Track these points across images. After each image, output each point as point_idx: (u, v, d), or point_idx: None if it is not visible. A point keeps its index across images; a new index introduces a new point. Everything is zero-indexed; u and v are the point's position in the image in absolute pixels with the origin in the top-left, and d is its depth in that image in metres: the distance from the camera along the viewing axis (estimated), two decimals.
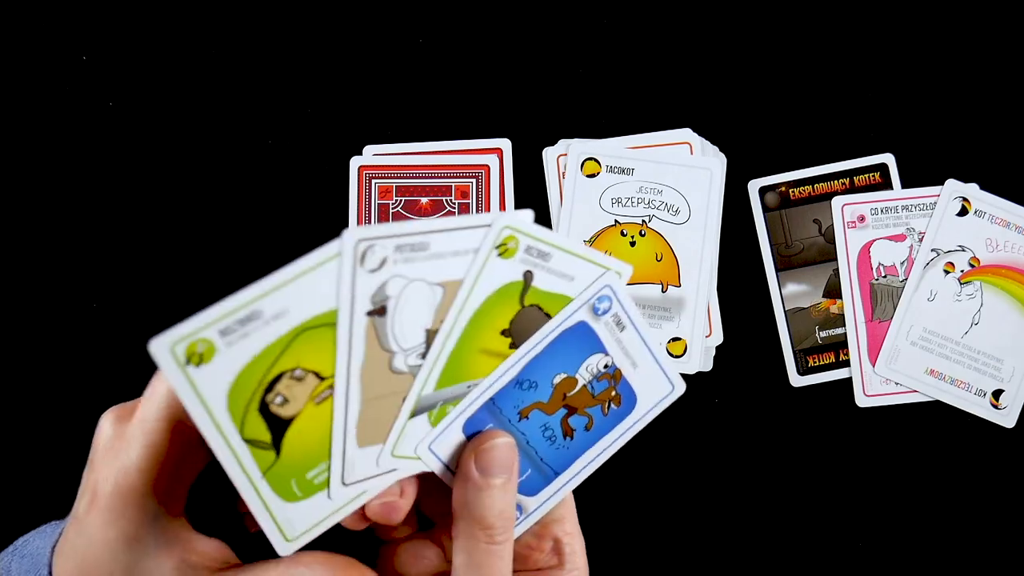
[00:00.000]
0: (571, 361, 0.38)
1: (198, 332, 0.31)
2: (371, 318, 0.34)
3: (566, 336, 0.38)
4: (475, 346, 0.36)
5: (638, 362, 0.39)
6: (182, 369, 0.31)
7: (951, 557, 0.52)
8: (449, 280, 0.35)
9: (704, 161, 0.53)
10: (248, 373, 0.32)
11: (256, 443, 0.33)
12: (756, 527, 0.52)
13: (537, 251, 0.36)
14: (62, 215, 0.53)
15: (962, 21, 0.55)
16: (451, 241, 0.34)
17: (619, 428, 0.40)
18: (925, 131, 0.54)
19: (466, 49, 0.54)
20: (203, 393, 0.32)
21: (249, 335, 0.32)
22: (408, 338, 0.35)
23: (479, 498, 0.36)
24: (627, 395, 0.39)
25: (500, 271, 0.36)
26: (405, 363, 0.35)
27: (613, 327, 0.38)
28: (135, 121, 0.53)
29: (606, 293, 0.37)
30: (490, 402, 0.38)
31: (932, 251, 0.53)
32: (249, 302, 0.32)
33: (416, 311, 0.35)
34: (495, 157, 0.53)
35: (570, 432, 0.39)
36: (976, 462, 0.52)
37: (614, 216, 0.53)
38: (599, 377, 0.39)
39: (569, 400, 0.39)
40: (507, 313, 0.37)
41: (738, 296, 0.53)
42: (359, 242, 0.33)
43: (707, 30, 0.54)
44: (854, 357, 0.53)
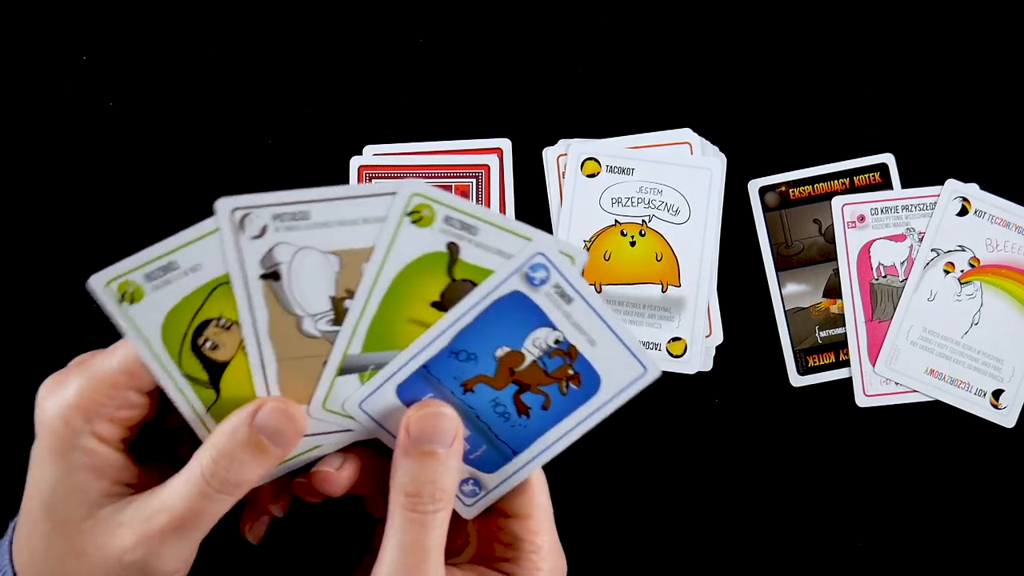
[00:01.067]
0: (512, 334, 0.37)
1: (126, 274, 0.36)
2: (266, 282, 0.35)
3: (500, 306, 0.36)
4: (403, 315, 0.36)
5: (596, 339, 0.37)
6: (118, 305, 0.36)
7: (951, 557, 0.52)
8: (345, 249, 0.36)
9: (704, 161, 0.53)
10: (175, 315, 0.36)
11: (195, 380, 0.37)
12: (756, 527, 0.52)
13: (460, 223, 0.36)
14: (62, 215, 0.53)
15: (962, 21, 0.55)
16: (338, 210, 0.35)
17: (584, 409, 0.38)
18: (925, 131, 0.54)
19: (466, 49, 0.54)
20: (141, 328, 0.36)
21: (171, 282, 0.36)
22: (312, 303, 0.36)
23: (409, 464, 0.36)
24: (588, 374, 0.37)
25: (417, 240, 0.36)
26: (316, 328, 0.36)
27: (557, 299, 0.36)
28: (135, 121, 0.53)
29: (539, 261, 0.35)
30: (424, 370, 0.37)
31: (932, 251, 0.53)
32: (165, 253, 0.35)
33: (315, 278, 0.36)
34: (495, 157, 0.53)
35: (524, 410, 0.38)
36: (976, 462, 0.52)
37: (614, 216, 0.53)
38: (551, 353, 0.37)
39: (519, 376, 0.37)
40: (436, 284, 0.36)
41: (738, 296, 0.53)
42: (235, 210, 0.35)
43: (707, 30, 0.54)
44: (854, 357, 0.53)
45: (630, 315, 0.52)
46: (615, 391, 0.38)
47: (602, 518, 0.52)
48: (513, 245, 0.36)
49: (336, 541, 0.52)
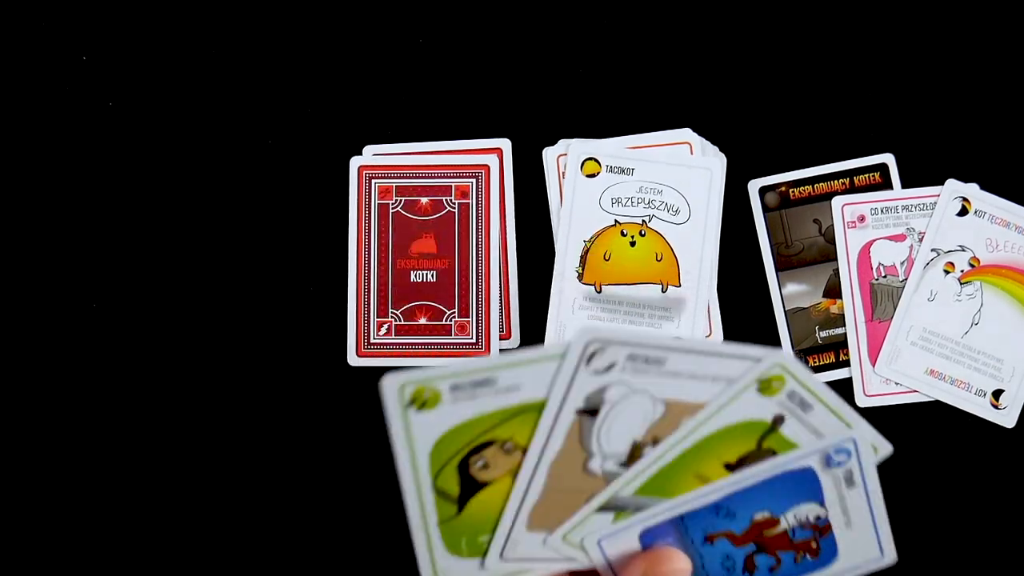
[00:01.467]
0: (780, 502, 0.36)
1: (432, 381, 0.33)
2: (580, 416, 0.34)
3: (786, 478, 0.35)
4: (692, 469, 0.35)
5: (854, 522, 0.36)
6: (403, 409, 0.33)
7: (951, 557, 0.52)
8: (675, 400, 0.34)
9: (704, 161, 0.53)
10: (462, 430, 0.34)
11: (443, 494, 0.35)
12: None
13: (800, 399, 0.35)
14: (62, 215, 0.53)
15: (962, 21, 0.55)
16: (696, 363, 0.34)
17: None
18: (925, 131, 0.54)
19: (466, 49, 0.54)
20: (414, 435, 0.34)
21: (477, 398, 0.33)
22: (612, 443, 0.35)
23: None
24: (828, 550, 0.37)
25: (751, 406, 0.35)
26: (600, 467, 0.35)
27: (841, 481, 0.36)
28: (135, 121, 0.53)
29: (847, 446, 0.35)
30: (679, 519, 0.36)
31: (932, 251, 0.53)
32: (489, 369, 0.33)
33: (629, 420, 0.34)
34: (495, 157, 0.53)
35: (752, 568, 0.37)
36: (976, 462, 0.52)
37: (614, 216, 0.53)
38: (804, 526, 0.36)
39: (763, 539, 0.36)
40: (739, 449, 0.35)
41: (738, 296, 0.53)
42: (590, 342, 0.33)
43: (707, 30, 0.54)
44: (854, 357, 0.53)
45: (630, 315, 0.52)
46: (846, 567, 0.37)
47: None
48: (832, 427, 0.36)
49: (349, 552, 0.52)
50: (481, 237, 0.53)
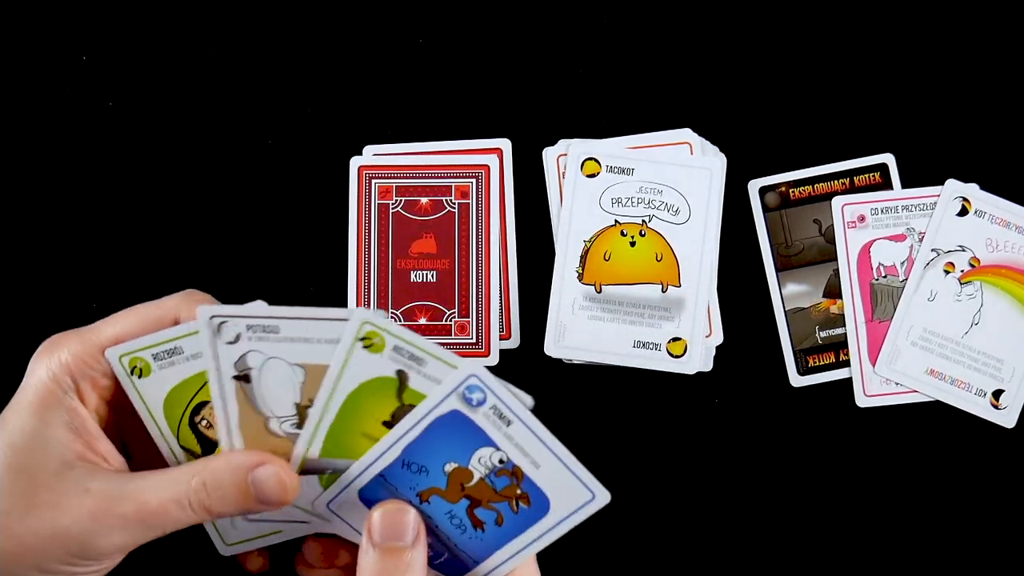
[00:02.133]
0: (458, 450, 0.38)
1: (136, 351, 0.40)
2: (239, 383, 0.39)
3: (443, 424, 0.38)
4: (357, 428, 0.39)
5: (540, 462, 0.38)
6: (128, 377, 0.40)
7: (951, 557, 0.52)
8: (310, 363, 0.39)
9: (704, 161, 0.53)
10: (176, 393, 0.40)
11: (190, 452, 0.41)
12: (756, 527, 0.52)
13: (408, 353, 0.38)
14: (62, 215, 0.53)
15: (962, 21, 0.55)
16: (303, 328, 0.38)
17: (535, 529, 0.39)
18: (925, 131, 0.54)
19: (466, 49, 0.54)
20: (146, 400, 0.40)
21: (175, 364, 0.40)
22: (278, 407, 0.39)
23: (373, 563, 0.37)
24: (536, 495, 0.38)
25: (369, 364, 0.38)
26: (281, 428, 0.39)
27: (496, 420, 0.37)
28: (135, 121, 0.53)
29: (474, 383, 0.37)
30: (381, 478, 0.39)
31: (932, 251, 0.53)
32: (172, 339, 0.40)
33: (282, 385, 0.39)
34: (495, 157, 0.53)
35: (479, 524, 0.39)
36: (976, 462, 0.52)
37: (614, 216, 0.53)
38: (497, 472, 0.38)
39: (469, 491, 0.39)
40: (387, 406, 0.39)
41: (738, 296, 0.53)
42: (212, 317, 0.38)
43: (707, 30, 0.54)
44: (854, 357, 0.53)
45: (630, 315, 0.52)
46: (565, 513, 0.39)
47: (602, 518, 0.52)
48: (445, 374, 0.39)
49: None
50: (481, 237, 0.53)
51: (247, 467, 0.38)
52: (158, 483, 0.37)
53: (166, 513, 0.37)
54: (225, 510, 0.38)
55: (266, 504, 0.38)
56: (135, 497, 0.37)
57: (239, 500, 0.38)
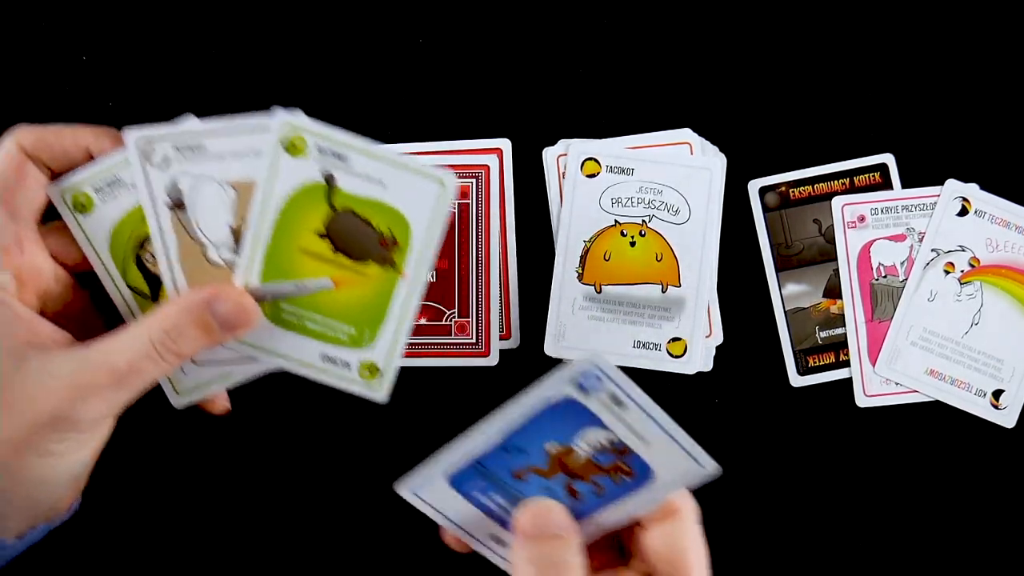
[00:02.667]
0: (563, 431, 0.37)
1: (79, 185, 0.39)
2: (174, 211, 0.38)
3: (556, 411, 0.36)
4: (293, 245, 0.38)
5: (650, 440, 0.37)
6: (72, 214, 0.39)
7: (951, 557, 0.52)
8: (240, 180, 0.38)
9: (704, 161, 0.53)
10: (121, 227, 0.39)
11: (138, 291, 0.40)
12: (756, 527, 0.52)
13: (331, 152, 0.37)
14: None
15: (962, 21, 0.55)
16: (230, 143, 0.38)
17: (639, 496, 0.38)
18: (925, 131, 0.54)
19: (466, 49, 0.54)
20: (90, 237, 0.39)
21: (118, 196, 0.39)
22: (214, 232, 0.39)
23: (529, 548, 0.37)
24: (640, 468, 0.38)
25: (294, 171, 0.37)
26: (219, 256, 0.39)
27: (610, 403, 0.37)
28: (135, 121, 0.53)
29: (592, 371, 0.36)
30: (478, 464, 0.38)
31: (932, 251, 0.53)
32: (109, 168, 0.39)
33: (215, 208, 0.38)
34: (495, 157, 0.53)
35: (576, 495, 0.38)
36: (976, 462, 0.52)
37: (614, 216, 0.53)
38: (602, 450, 0.37)
39: (569, 468, 0.38)
40: (319, 215, 0.38)
41: (738, 296, 0.53)
42: (138, 139, 0.38)
43: (707, 30, 0.54)
44: (854, 357, 0.53)
45: (630, 315, 0.52)
46: (668, 481, 0.38)
47: None
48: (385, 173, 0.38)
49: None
50: (481, 237, 0.53)
51: (202, 304, 0.38)
52: (121, 345, 0.38)
53: (140, 371, 0.37)
54: (194, 348, 0.38)
55: (231, 331, 0.39)
56: (103, 364, 0.37)
57: (205, 336, 0.38)
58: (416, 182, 0.38)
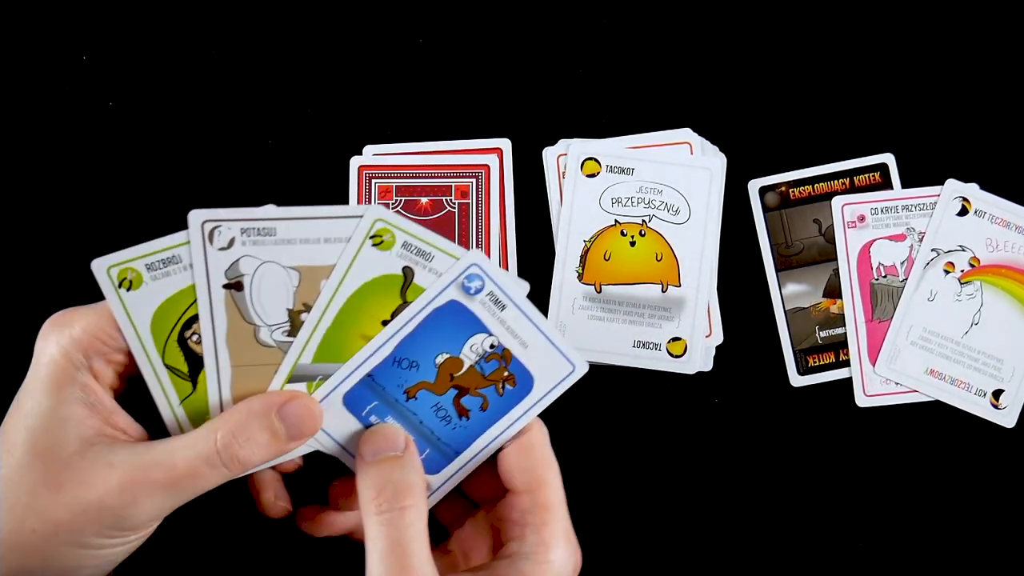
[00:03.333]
0: (451, 341, 0.39)
1: (128, 261, 0.38)
2: (229, 292, 0.38)
3: (439, 315, 0.39)
4: (355, 331, 0.39)
5: (528, 341, 0.40)
6: (115, 290, 0.38)
7: (951, 557, 0.52)
8: (305, 265, 0.38)
9: (704, 161, 0.53)
10: (169, 306, 0.39)
11: (175, 371, 0.39)
12: (756, 527, 0.52)
13: (417, 249, 0.38)
14: (62, 215, 0.53)
15: (962, 21, 0.55)
16: (304, 229, 0.38)
17: (519, 408, 0.41)
18: (925, 131, 0.54)
19: (466, 49, 0.54)
20: (132, 313, 0.38)
21: (170, 275, 0.38)
22: (270, 314, 0.38)
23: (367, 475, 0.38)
24: (522, 375, 0.40)
25: (376, 262, 0.38)
26: (271, 337, 0.39)
27: (492, 307, 0.39)
28: (135, 121, 0.53)
29: (474, 272, 0.38)
30: (370, 379, 0.39)
31: (932, 251, 0.53)
32: (168, 248, 0.38)
33: (275, 291, 0.38)
34: (495, 157, 0.53)
35: (465, 412, 0.40)
36: (976, 462, 0.52)
37: (614, 216, 0.53)
38: (487, 357, 0.40)
39: (458, 380, 0.40)
40: (389, 305, 0.39)
41: (738, 296, 0.53)
42: (204, 222, 0.38)
43: (707, 30, 0.54)
44: (854, 357, 0.53)
45: (630, 315, 0.52)
46: (547, 388, 0.41)
47: (602, 518, 0.52)
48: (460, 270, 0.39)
49: None
50: (481, 237, 0.53)
51: (272, 408, 0.37)
52: (183, 444, 0.37)
53: (196, 473, 0.36)
54: (256, 456, 0.37)
55: (298, 439, 0.38)
56: (162, 462, 0.36)
57: (270, 443, 0.37)
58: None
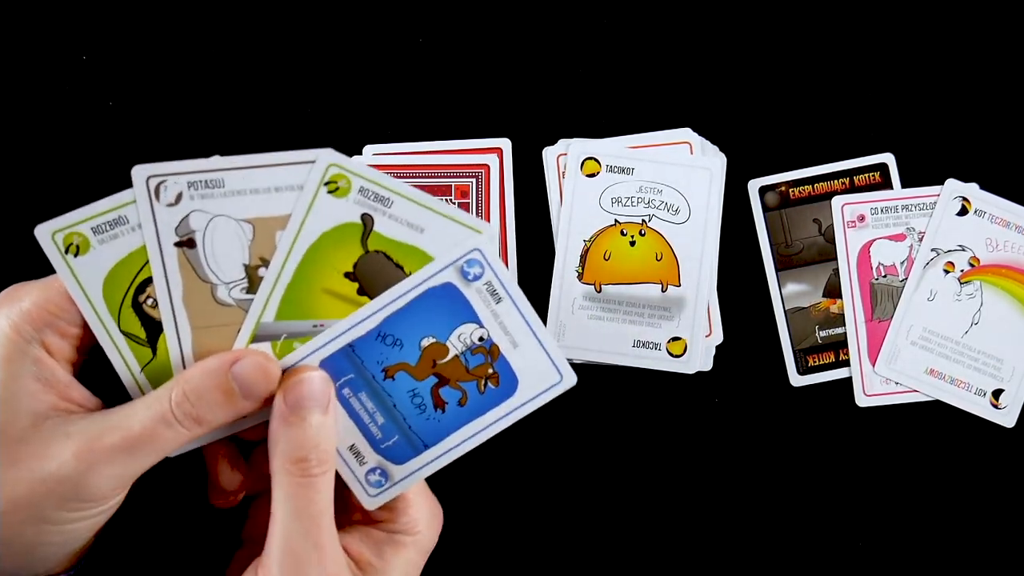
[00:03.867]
0: (440, 325, 0.37)
1: (73, 225, 0.36)
2: (181, 250, 0.36)
3: (432, 295, 0.37)
4: (316, 284, 0.37)
5: (519, 341, 0.38)
6: (62, 256, 0.36)
7: (951, 557, 0.52)
8: (258, 217, 0.36)
9: (704, 161, 0.53)
10: (120, 269, 0.37)
11: (132, 337, 0.37)
12: (756, 527, 0.52)
13: (374, 194, 0.36)
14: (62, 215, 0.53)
15: (962, 21, 0.55)
16: (253, 178, 0.36)
17: (498, 410, 0.39)
18: (925, 131, 0.54)
19: (466, 49, 0.54)
20: (81, 280, 0.36)
21: (118, 237, 0.36)
22: (226, 271, 0.37)
23: (289, 432, 0.36)
24: (507, 376, 0.38)
25: (332, 210, 0.36)
26: (229, 295, 0.37)
27: (487, 297, 0.37)
28: (135, 121, 0.53)
29: (475, 257, 0.37)
30: (349, 348, 0.37)
31: (932, 251, 0.53)
32: (114, 208, 0.36)
33: (229, 246, 0.36)
34: (495, 157, 0.53)
35: (441, 404, 0.38)
36: (976, 462, 0.52)
37: (614, 216, 0.53)
38: (473, 350, 0.38)
39: (439, 368, 0.38)
40: (349, 255, 0.37)
41: (738, 296, 0.53)
42: (149, 178, 0.36)
43: (707, 30, 0.54)
44: (854, 357, 0.53)
45: (630, 315, 0.52)
46: (530, 395, 0.39)
47: (602, 518, 0.52)
48: (426, 219, 0.37)
49: None
50: None
51: (225, 366, 0.36)
52: (137, 408, 0.36)
53: (153, 435, 0.36)
54: (214, 416, 0.36)
55: (252, 398, 0.36)
56: (117, 426, 0.36)
57: (226, 402, 0.36)
58: (455, 231, 0.38)
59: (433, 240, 0.38)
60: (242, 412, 0.37)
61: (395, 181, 0.37)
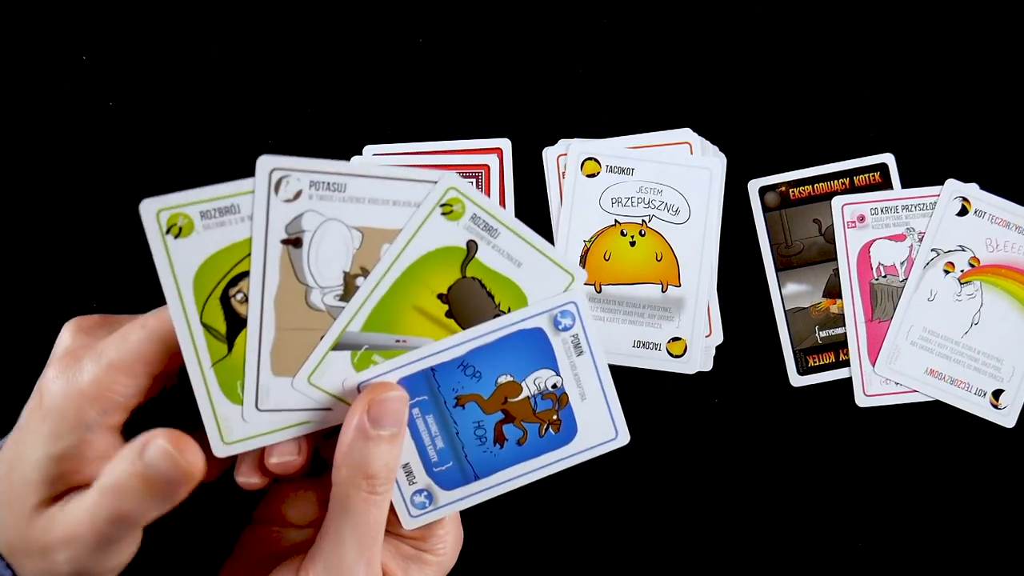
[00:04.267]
0: (520, 365, 0.39)
1: (182, 207, 0.35)
2: (286, 248, 0.36)
3: (520, 336, 0.38)
4: (408, 301, 0.37)
5: (588, 395, 0.39)
6: (162, 236, 0.35)
7: (951, 557, 0.52)
8: (369, 227, 0.36)
9: (704, 161, 0.53)
10: (217, 259, 0.36)
11: (212, 330, 0.36)
12: (756, 527, 0.52)
13: (484, 223, 0.37)
14: (62, 215, 0.53)
15: (962, 21, 0.55)
16: (374, 188, 0.36)
17: (551, 455, 0.40)
18: (925, 131, 0.54)
19: (466, 49, 0.54)
20: (175, 264, 0.35)
21: (225, 225, 0.35)
22: (324, 276, 0.36)
23: (366, 447, 0.36)
24: (568, 424, 0.40)
25: (441, 232, 0.37)
26: (322, 301, 0.37)
27: (571, 348, 0.39)
28: (135, 121, 0.53)
29: (570, 309, 0.38)
30: (430, 371, 0.38)
31: (932, 251, 0.53)
32: (229, 195, 0.35)
33: (333, 251, 0.36)
34: (495, 157, 0.53)
35: (501, 439, 0.40)
36: (976, 462, 0.52)
37: (614, 216, 0.53)
38: (544, 395, 0.39)
39: (509, 406, 0.39)
40: (446, 278, 0.37)
41: (738, 296, 0.53)
42: (273, 170, 0.35)
43: (707, 30, 0.54)
44: (854, 357, 0.53)
45: (630, 315, 0.52)
46: (585, 447, 0.40)
47: (602, 518, 0.52)
48: (525, 255, 0.38)
49: None
50: None
51: (135, 454, 0.33)
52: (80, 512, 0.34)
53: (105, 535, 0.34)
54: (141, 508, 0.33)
55: (170, 487, 0.33)
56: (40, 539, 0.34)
57: (146, 491, 0.33)
58: (549, 270, 0.39)
59: (527, 276, 0.39)
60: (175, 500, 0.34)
61: (506, 214, 0.37)
